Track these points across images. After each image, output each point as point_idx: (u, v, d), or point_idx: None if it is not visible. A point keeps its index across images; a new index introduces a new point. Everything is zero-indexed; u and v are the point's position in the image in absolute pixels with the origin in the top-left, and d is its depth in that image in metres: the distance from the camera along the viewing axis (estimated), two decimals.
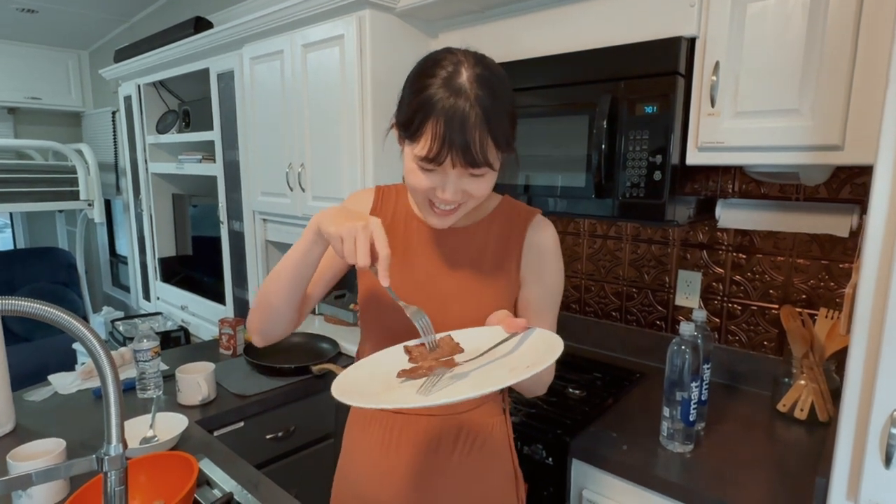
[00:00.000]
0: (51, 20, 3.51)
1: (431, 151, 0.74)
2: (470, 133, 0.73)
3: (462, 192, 0.78)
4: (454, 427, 0.90)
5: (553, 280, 0.92)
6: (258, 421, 1.50)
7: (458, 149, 0.73)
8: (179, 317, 2.80)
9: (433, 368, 0.72)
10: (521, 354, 0.73)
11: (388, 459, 0.90)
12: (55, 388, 1.50)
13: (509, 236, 0.90)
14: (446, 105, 0.73)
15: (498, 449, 0.94)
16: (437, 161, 0.75)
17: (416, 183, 0.79)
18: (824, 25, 1.01)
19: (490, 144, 0.75)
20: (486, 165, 0.76)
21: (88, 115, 4.31)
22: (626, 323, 1.74)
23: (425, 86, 0.75)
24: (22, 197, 3.31)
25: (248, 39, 1.98)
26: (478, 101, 0.73)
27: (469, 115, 0.72)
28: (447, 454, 0.90)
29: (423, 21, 1.67)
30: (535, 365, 0.66)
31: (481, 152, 0.74)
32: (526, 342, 0.75)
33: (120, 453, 0.65)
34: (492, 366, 0.73)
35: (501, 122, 0.76)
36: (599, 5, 1.32)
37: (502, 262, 0.89)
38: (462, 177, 0.77)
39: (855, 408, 0.79)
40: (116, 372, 0.65)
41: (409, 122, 0.77)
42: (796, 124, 1.07)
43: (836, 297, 1.35)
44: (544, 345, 0.72)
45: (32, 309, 0.58)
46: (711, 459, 1.14)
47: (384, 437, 0.91)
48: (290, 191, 1.90)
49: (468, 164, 0.75)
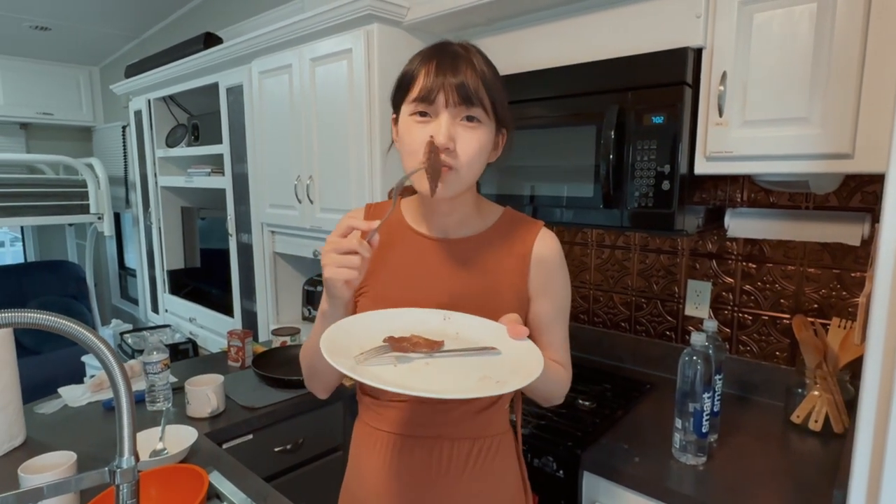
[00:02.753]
0: (63, 37, 3.58)
1: (425, 88, 0.76)
2: (463, 68, 0.76)
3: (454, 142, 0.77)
4: (465, 449, 0.87)
5: (562, 292, 0.91)
6: (267, 433, 1.49)
7: (451, 81, 0.75)
8: (188, 329, 2.81)
9: (419, 345, 0.72)
10: (503, 364, 0.72)
11: (396, 482, 0.87)
12: (65, 401, 1.50)
13: (515, 249, 0.88)
14: (439, 52, 0.79)
15: (507, 464, 0.92)
16: (430, 97, 0.76)
17: (409, 140, 0.79)
18: (832, 33, 1.02)
19: (482, 89, 0.77)
20: (479, 106, 0.77)
21: (99, 129, 4.37)
22: (636, 333, 1.73)
23: (417, 55, 0.81)
24: (33, 211, 3.36)
25: (257, 54, 2.01)
26: (471, 53, 0.79)
27: (463, 58, 0.77)
28: (457, 475, 0.87)
29: (430, 34, 1.69)
30: (504, 384, 0.66)
31: (474, 89, 0.76)
32: (514, 353, 0.74)
33: (132, 466, 0.64)
34: (468, 364, 0.72)
35: (494, 79, 0.79)
36: (605, 17, 1.33)
37: (507, 275, 0.87)
38: (455, 122, 0.77)
39: (872, 418, 0.78)
40: (129, 384, 0.65)
41: (402, 81, 0.81)
42: (805, 133, 1.07)
43: (848, 306, 1.34)
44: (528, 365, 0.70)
45: (50, 322, 0.59)
46: (725, 472, 1.12)
47: (392, 459, 0.88)
48: (298, 203, 1.91)
49: (462, 100, 0.76)
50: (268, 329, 2.21)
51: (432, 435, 0.87)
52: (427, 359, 0.72)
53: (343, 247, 0.70)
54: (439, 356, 0.72)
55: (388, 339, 0.73)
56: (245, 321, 2.38)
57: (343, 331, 0.73)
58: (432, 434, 0.87)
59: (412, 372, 0.69)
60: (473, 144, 0.78)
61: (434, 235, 0.89)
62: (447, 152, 0.77)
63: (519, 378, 0.67)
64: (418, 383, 0.65)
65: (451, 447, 0.87)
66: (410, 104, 0.79)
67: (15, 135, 4.26)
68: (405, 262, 0.88)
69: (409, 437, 0.87)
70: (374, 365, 0.69)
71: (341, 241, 0.70)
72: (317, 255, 1.95)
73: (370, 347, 0.71)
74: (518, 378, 0.67)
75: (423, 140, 0.77)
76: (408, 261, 0.88)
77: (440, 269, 0.87)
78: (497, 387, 0.65)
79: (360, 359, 0.69)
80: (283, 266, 2.22)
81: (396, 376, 0.66)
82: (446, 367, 0.71)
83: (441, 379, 0.68)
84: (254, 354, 1.81)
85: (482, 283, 0.86)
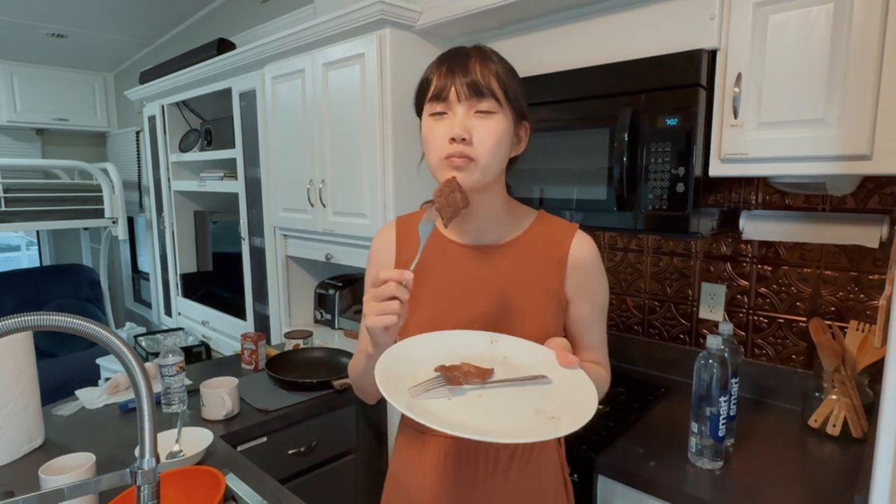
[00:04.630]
0: (79, 44, 3.63)
1: (437, 87, 0.80)
2: (472, 64, 0.79)
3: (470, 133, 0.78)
4: (510, 447, 0.88)
5: (601, 293, 0.91)
6: (281, 436, 1.50)
7: (461, 79, 0.78)
8: (200, 332, 2.84)
9: (470, 374, 0.72)
10: (554, 396, 0.72)
11: (445, 485, 0.88)
12: (82, 403, 1.52)
13: (551, 253, 0.88)
14: (451, 55, 0.83)
15: (550, 459, 0.93)
16: (443, 95, 0.79)
17: (430, 139, 0.81)
18: (849, 33, 1.01)
19: (494, 82, 0.79)
20: (491, 97, 0.78)
21: (113, 135, 4.43)
22: (649, 336, 1.72)
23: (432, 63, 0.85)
24: (48, 215, 3.41)
25: (269, 59, 2.03)
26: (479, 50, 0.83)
27: (472, 55, 0.81)
28: (504, 472, 0.88)
29: (442, 38, 1.70)
30: (560, 420, 0.66)
31: (484, 81, 0.78)
32: (564, 382, 0.74)
33: (153, 467, 0.65)
34: (522, 395, 0.72)
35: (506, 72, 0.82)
36: (619, 20, 1.32)
37: (546, 280, 0.87)
38: (469, 115, 0.79)
39: (894, 422, 0.77)
40: (150, 386, 0.65)
41: (420, 88, 0.85)
42: (822, 134, 1.06)
43: (866, 309, 1.32)
44: (581, 398, 0.70)
45: (74, 325, 0.60)
46: (742, 476, 1.11)
47: (440, 461, 0.89)
48: (311, 207, 1.92)
49: (472, 93, 0.78)
50: (280, 332, 2.22)
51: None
52: (479, 390, 0.72)
53: (382, 294, 0.70)
54: (491, 387, 0.73)
55: (440, 368, 0.73)
56: (257, 324, 2.39)
57: (395, 357, 0.73)
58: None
59: (466, 406, 0.69)
60: (490, 134, 0.79)
61: (468, 243, 0.89)
62: (464, 143, 0.78)
63: (574, 417, 0.66)
64: (474, 420, 0.66)
65: (497, 448, 0.88)
66: (428, 105, 0.82)
67: (31, 140, 4.32)
68: (442, 274, 0.88)
69: (454, 440, 0.88)
70: (429, 398, 0.69)
71: (378, 290, 0.70)
72: (329, 259, 1.96)
73: (423, 377, 0.72)
74: (573, 417, 0.66)
75: (440, 136, 0.80)
76: (444, 271, 0.88)
77: (477, 278, 0.87)
78: (551, 423, 0.66)
79: (414, 391, 0.69)
80: (295, 269, 2.24)
81: (452, 413, 0.67)
82: (499, 399, 0.71)
83: (496, 413, 0.68)
84: (267, 357, 1.82)
85: (520, 290, 0.86)
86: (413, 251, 0.89)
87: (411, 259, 0.87)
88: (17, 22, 3.16)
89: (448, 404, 0.69)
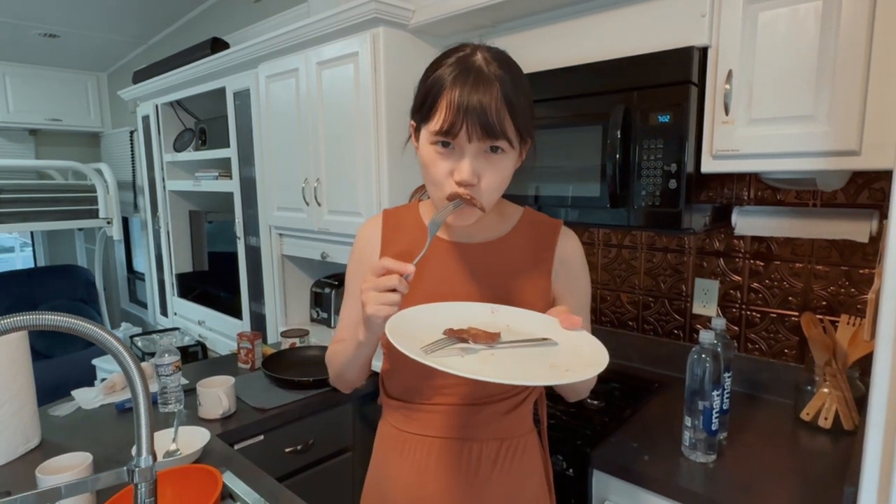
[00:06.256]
0: (71, 44, 3.62)
1: (446, 122, 0.73)
2: (486, 101, 0.71)
3: (478, 177, 0.75)
4: (493, 450, 0.88)
5: (585, 289, 0.92)
6: (277, 434, 1.50)
7: (473, 117, 0.71)
8: (196, 332, 2.83)
9: (479, 337, 0.72)
10: (564, 353, 0.73)
11: (426, 487, 0.88)
12: (78, 403, 1.52)
13: (538, 251, 0.89)
14: (462, 77, 0.73)
15: (533, 463, 0.93)
16: (453, 132, 0.73)
17: (433, 171, 0.77)
18: (837, 30, 1.02)
19: (507, 118, 0.73)
20: (503, 138, 0.73)
21: (107, 135, 4.41)
22: (643, 332, 1.73)
23: (440, 66, 0.76)
24: (43, 216, 3.39)
25: (263, 58, 2.02)
26: (494, 76, 0.73)
27: (486, 85, 0.72)
28: (486, 475, 0.88)
29: (435, 37, 1.70)
30: (575, 371, 0.66)
31: (498, 122, 0.72)
32: (573, 342, 0.75)
33: (150, 465, 0.66)
34: (532, 354, 0.72)
35: (519, 100, 0.74)
36: (610, 17, 1.33)
37: (532, 277, 0.87)
38: (479, 155, 0.75)
39: (883, 414, 0.78)
40: (147, 385, 0.66)
41: (424, 100, 0.76)
42: (812, 130, 1.07)
43: (857, 303, 1.34)
44: (591, 353, 0.71)
45: (70, 324, 0.60)
46: (735, 469, 1.12)
47: (422, 462, 0.88)
48: (306, 205, 1.93)
49: (485, 134, 0.72)
50: (276, 331, 2.22)
51: (462, 437, 0.88)
52: (491, 350, 0.72)
53: (383, 285, 0.70)
54: (501, 347, 0.73)
55: (448, 331, 0.73)
56: (253, 324, 2.39)
57: (404, 321, 0.73)
58: (462, 436, 0.88)
59: (482, 362, 0.69)
60: (497, 176, 0.77)
61: (457, 240, 0.89)
62: (470, 188, 0.76)
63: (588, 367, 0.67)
64: (493, 372, 0.66)
65: (479, 449, 0.88)
66: (432, 133, 0.76)
67: (24, 141, 4.30)
68: (430, 271, 0.87)
69: (438, 440, 0.88)
70: (443, 356, 0.69)
71: (380, 280, 0.70)
72: (325, 257, 1.96)
73: (430, 340, 0.72)
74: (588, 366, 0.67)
75: (445, 173, 0.76)
76: (433, 269, 0.87)
77: (466, 276, 0.87)
78: (568, 374, 0.66)
79: (427, 349, 0.69)
80: (290, 268, 2.24)
81: (469, 366, 0.67)
82: (512, 357, 0.71)
83: (512, 368, 0.68)
84: (263, 356, 1.82)
85: (509, 287, 0.86)
86: (400, 244, 0.90)
87: (398, 253, 0.87)
88: (9, 22, 3.15)
89: (462, 361, 0.68)
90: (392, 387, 0.93)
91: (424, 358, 0.64)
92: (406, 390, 0.90)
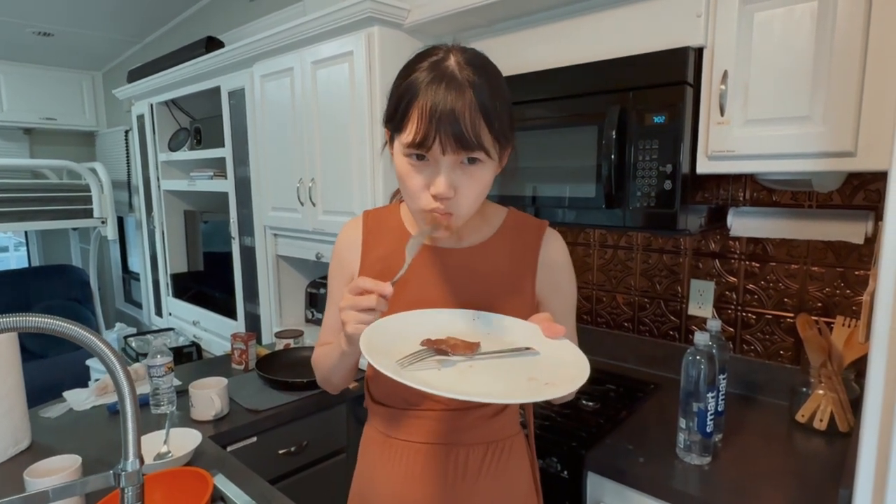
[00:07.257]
0: (66, 43, 3.60)
1: (419, 135, 0.69)
2: (459, 112, 0.68)
3: (455, 189, 0.72)
4: (479, 454, 0.87)
5: (569, 291, 0.91)
6: (271, 436, 1.49)
7: (446, 129, 0.68)
8: (191, 332, 2.82)
9: (458, 347, 0.70)
10: (545, 365, 0.71)
11: (413, 490, 0.87)
12: (70, 405, 1.51)
13: (522, 254, 0.87)
14: (433, 85, 0.69)
15: (520, 466, 0.92)
16: (426, 145, 0.69)
17: (409, 184, 0.74)
18: (833, 31, 1.02)
19: (483, 127, 0.70)
20: (479, 149, 0.70)
21: (102, 134, 4.39)
22: (639, 333, 1.73)
23: (411, 71, 0.73)
24: (37, 215, 3.37)
25: (258, 57, 2.01)
26: (468, 82, 0.69)
27: (458, 92, 0.68)
28: (473, 480, 0.87)
29: (430, 36, 1.69)
30: (555, 385, 0.64)
31: (473, 133, 0.69)
32: (555, 353, 0.73)
33: (137, 469, 0.65)
34: (512, 365, 0.70)
35: (495, 105, 0.71)
36: (606, 18, 1.33)
37: (517, 280, 0.86)
38: (455, 168, 0.72)
39: (878, 416, 0.78)
40: (133, 388, 0.65)
41: (395, 109, 0.73)
42: (808, 131, 1.06)
43: (852, 304, 1.34)
44: (572, 365, 0.69)
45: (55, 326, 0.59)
46: (730, 471, 1.12)
47: (408, 468, 0.87)
48: (300, 206, 1.92)
49: (459, 147, 0.69)
50: (271, 332, 2.21)
51: (448, 442, 0.87)
52: (469, 362, 0.70)
53: (361, 305, 0.69)
54: (480, 359, 0.71)
55: (426, 341, 0.71)
56: (248, 324, 2.38)
57: (379, 333, 0.71)
58: (448, 441, 0.87)
59: (459, 375, 0.67)
60: (475, 188, 0.74)
61: (439, 245, 0.88)
62: (446, 201, 0.73)
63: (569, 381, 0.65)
64: (470, 388, 0.64)
65: (466, 453, 0.87)
66: (404, 145, 0.73)
67: (19, 140, 4.28)
68: (414, 277, 0.86)
69: (424, 445, 0.87)
70: (419, 370, 0.67)
71: (359, 300, 0.69)
72: (319, 258, 1.95)
73: (408, 350, 0.70)
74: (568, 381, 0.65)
75: (420, 184, 0.73)
76: (417, 275, 0.86)
77: (450, 281, 0.86)
78: (548, 388, 0.64)
79: (403, 363, 0.67)
80: (285, 269, 2.23)
81: (445, 381, 0.65)
82: (490, 370, 0.69)
83: (489, 382, 0.66)
84: (257, 357, 1.81)
85: (494, 291, 0.85)
86: (381, 248, 0.88)
87: (378, 257, 0.86)
88: (3, 20, 3.13)
89: (439, 374, 0.67)
90: (377, 391, 0.92)
91: (399, 375, 0.62)
92: (390, 395, 0.89)
